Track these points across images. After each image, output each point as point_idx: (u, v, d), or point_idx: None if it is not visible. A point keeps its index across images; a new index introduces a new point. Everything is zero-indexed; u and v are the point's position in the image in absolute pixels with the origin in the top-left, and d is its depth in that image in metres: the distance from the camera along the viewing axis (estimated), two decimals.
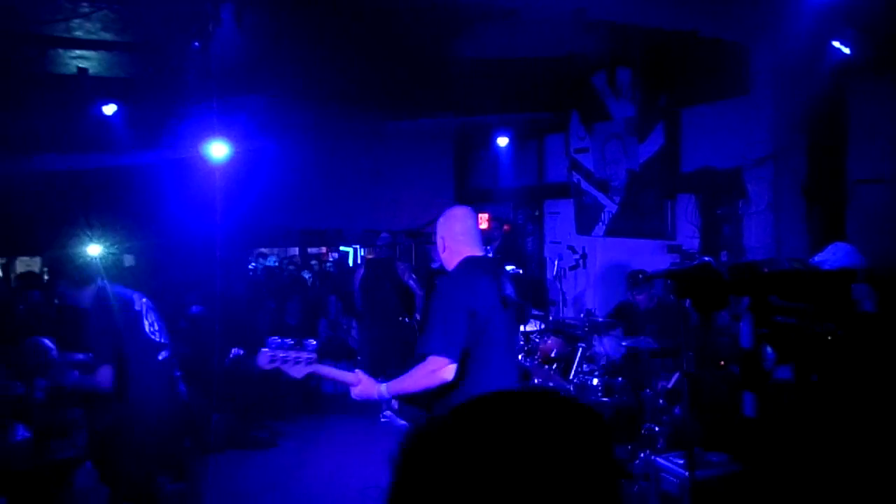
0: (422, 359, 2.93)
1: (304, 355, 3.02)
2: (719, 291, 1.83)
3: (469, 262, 3.12)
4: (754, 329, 1.79)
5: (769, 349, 1.72)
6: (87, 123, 6.99)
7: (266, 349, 3.02)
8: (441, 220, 3.25)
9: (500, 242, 8.63)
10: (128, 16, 5.23)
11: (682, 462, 4.27)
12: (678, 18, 5.21)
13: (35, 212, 7.71)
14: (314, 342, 3.09)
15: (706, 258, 2.61)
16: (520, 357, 5.66)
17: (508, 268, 7.60)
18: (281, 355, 3.01)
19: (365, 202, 10.10)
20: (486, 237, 9.16)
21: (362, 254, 11.77)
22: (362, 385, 3.00)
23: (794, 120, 5.57)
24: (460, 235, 3.16)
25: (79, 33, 5.47)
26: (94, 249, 8.19)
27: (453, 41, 5.77)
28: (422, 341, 2.98)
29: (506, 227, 8.84)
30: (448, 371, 2.84)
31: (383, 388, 2.98)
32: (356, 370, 3.09)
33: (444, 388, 2.91)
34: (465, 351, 2.90)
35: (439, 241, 3.21)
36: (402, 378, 2.98)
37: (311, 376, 3.08)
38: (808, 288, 1.88)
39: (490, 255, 5.25)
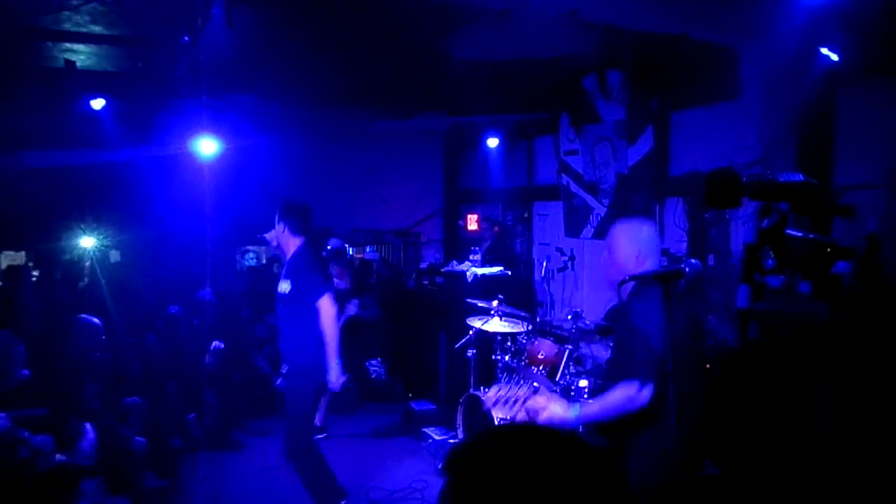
0: (614, 383, 2.74)
1: (523, 393, 2.76)
2: (733, 191, 1.87)
3: (654, 280, 2.73)
4: (759, 228, 1.82)
5: (769, 258, 1.73)
6: (75, 118, 6.93)
7: (489, 391, 2.79)
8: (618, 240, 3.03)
9: (491, 243, 8.63)
10: (117, 9, 5.18)
11: None
12: (669, 21, 5.22)
13: (21, 207, 7.64)
14: (535, 370, 2.84)
15: (693, 261, 2.61)
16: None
17: (495, 269, 7.60)
18: (504, 396, 2.75)
19: (355, 201, 10.09)
20: (476, 238, 9.19)
21: (351, 252, 11.71)
22: (553, 407, 2.75)
23: (783, 124, 5.60)
24: (640, 249, 2.94)
25: (67, 26, 5.42)
26: (86, 242, 8.11)
27: (444, 41, 5.76)
28: (622, 366, 2.77)
29: (496, 229, 8.84)
30: (646, 395, 2.65)
31: (576, 412, 2.74)
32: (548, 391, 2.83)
33: (636, 418, 2.69)
34: (658, 375, 2.68)
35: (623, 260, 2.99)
36: (596, 403, 2.78)
37: None
38: (816, 203, 1.94)
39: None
